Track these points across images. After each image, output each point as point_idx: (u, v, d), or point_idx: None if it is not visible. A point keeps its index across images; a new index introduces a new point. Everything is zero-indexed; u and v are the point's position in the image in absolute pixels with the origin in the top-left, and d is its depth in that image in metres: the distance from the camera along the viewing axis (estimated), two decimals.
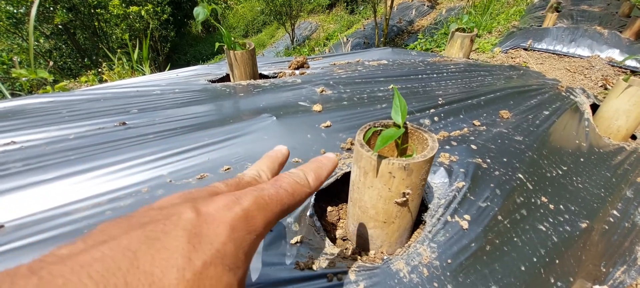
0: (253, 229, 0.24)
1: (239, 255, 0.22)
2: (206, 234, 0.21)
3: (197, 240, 0.20)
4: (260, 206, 0.25)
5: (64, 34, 7.33)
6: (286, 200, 0.27)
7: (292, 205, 0.28)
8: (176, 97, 0.93)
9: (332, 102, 0.90)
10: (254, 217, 0.24)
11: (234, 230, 0.22)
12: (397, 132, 0.52)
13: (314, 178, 0.32)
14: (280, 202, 0.27)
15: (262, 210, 0.25)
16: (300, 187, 0.30)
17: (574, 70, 2.55)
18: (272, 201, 0.26)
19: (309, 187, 0.31)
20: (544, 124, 0.99)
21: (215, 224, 0.22)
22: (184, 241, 0.20)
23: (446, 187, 0.70)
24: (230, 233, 0.22)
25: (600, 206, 0.84)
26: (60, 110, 0.86)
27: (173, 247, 0.19)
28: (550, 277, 0.67)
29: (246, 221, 0.23)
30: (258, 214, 0.24)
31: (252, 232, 0.23)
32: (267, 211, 0.25)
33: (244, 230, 0.23)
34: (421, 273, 0.57)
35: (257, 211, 0.24)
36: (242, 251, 0.22)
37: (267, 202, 0.26)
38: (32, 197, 0.56)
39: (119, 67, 1.64)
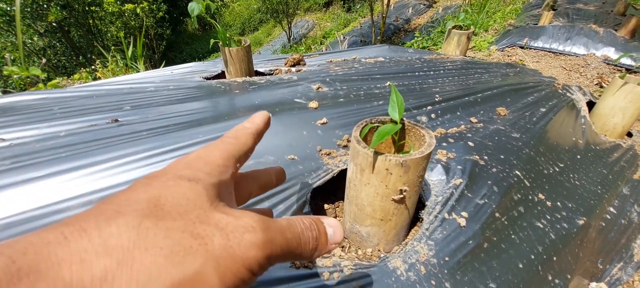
0: (210, 159, 0.27)
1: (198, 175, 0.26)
2: (171, 169, 0.27)
3: (162, 172, 0.26)
4: (213, 147, 0.30)
5: (58, 31, 7.24)
6: (232, 140, 0.31)
7: (240, 145, 0.32)
8: (170, 94, 0.92)
9: (328, 99, 0.89)
10: (209, 152, 0.29)
11: (189, 165, 0.27)
12: (393, 127, 0.52)
13: (249, 124, 0.35)
14: (227, 143, 0.31)
15: (216, 149, 0.30)
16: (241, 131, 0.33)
17: (570, 68, 2.56)
18: (221, 142, 0.31)
19: (247, 128, 0.34)
20: (541, 121, 0.99)
21: (178, 165, 0.27)
22: (157, 174, 0.25)
23: (443, 184, 0.69)
24: (186, 166, 0.27)
25: (597, 203, 0.84)
26: (51, 107, 0.84)
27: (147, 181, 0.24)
28: (548, 274, 0.66)
29: (200, 158, 0.28)
30: (213, 151, 0.29)
31: (210, 161, 0.28)
32: (219, 149, 0.30)
33: (201, 161, 0.27)
34: (418, 271, 0.56)
35: (211, 149, 0.29)
36: (202, 173, 0.26)
37: (217, 144, 0.30)
38: (22, 195, 0.55)
39: (113, 65, 1.62)
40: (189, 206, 0.22)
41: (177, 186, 0.23)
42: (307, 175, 0.66)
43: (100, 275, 0.16)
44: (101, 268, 0.17)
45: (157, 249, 0.19)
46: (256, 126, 0.35)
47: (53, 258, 0.16)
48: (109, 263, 0.17)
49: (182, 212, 0.21)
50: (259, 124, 0.35)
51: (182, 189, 0.23)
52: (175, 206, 0.21)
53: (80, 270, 0.16)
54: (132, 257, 0.18)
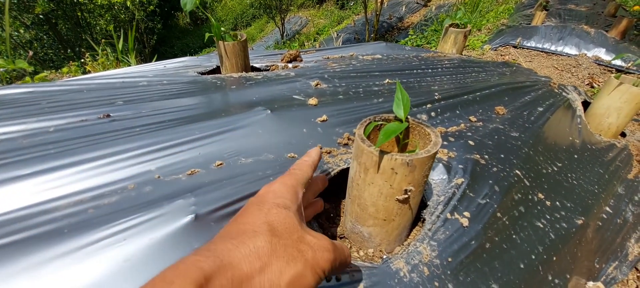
0: (291, 187, 0.42)
1: (287, 203, 0.38)
2: (266, 198, 0.39)
3: (260, 200, 0.38)
4: (289, 177, 0.44)
5: (45, 24, 7.04)
6: (298, 173, 0.46)
7: (304, 173, 0.47)
8: (164, 89, 0.89)
9: (327, 96, 0.88)
10: (289, 184, 0.42)
11: (277, 193, 0.39)
12: (400, 126, 0.50)
13: (310, 157, 0.52)
14: (295, 175, 0.45)
15: (291, 178, 0.44)
16: (303, 163, 0.49)
17: (562, 68, 2.60)
18: (292, 175, 0.45)
19: (308, 162, 0.50)
20: (539, 121, 0.99)
21: (270, 193, 0.40)
22: (253, 208, 0.37)
23: (445, 184, 0.68)
24: (276, 196, 0.39)
25: (594, 202, 0.85)
26: (39, 102, 0.80)
27: (252, 209, 0.37)
28: (548, 274, 0.66)
29: (285, 185, 0.42)
30: (290, 180, 0.43)
31: (291, 189, 0.41)
32: (292, 180, 0.44)
33: (285, 190, 0.40)
34: (422, 272, 0.55)
35: (289, 180, 0.43)
36: (289, 199, 0.39)
37: (291, 176, 0.45)
38: (8, 194, 0.52)
39: (103, 58, 1.57)
40: (291, 229, 0.34)
41: (279, 213, 0.35)
42: None
43: (259, 268, 0.29)
44: (260, 265, 0.29)
45: (281, 256, 0.31)
46: (312, 159, 0.49)
47: (234, 259, 0.28)
48: (262, 262, 0.29)
49: (288, 233, 0.33)
50: (314, 157, 0.50)
51: (282, 216, 0.35)
52: (283, 229, 0.33)
53: (250, 264, 0.28)
54: (270, 260, 0.30)
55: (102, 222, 0.48)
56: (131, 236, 0.47)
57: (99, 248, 0.45)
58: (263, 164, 0.62)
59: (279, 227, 0.33)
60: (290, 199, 0.38)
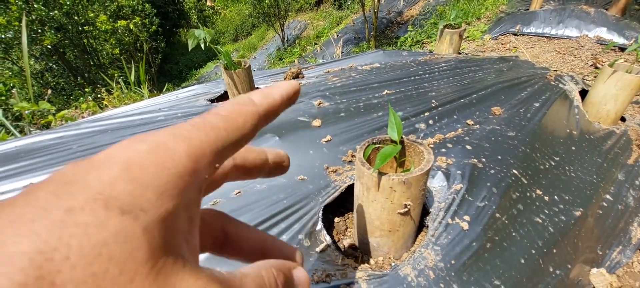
0: (170, 163, 0.16)
1: (143, 194, 0.15)
2: (84, 179, 0.14)
3: (65, 188, 0.14)
4: (179, 135, 0.18)
5: (54, 54, 7.30)
6: (222, 124, 0.20)
7: (233, 129, 0.20)
8: None
9: (330, 115, 0.94)
10: (169, 149, 0.17)
11: (129, 169, 0.15)
12: (394, 149, 0.56)
13: (260, 96, 0.23)
14: (212, 127, 0.19)
15: (183, 139, 0.18)
16: (240, 107, 0.22)
17: (564, 51, 2.59)
18: (198, 128, 0.19)
19: (254, 104, 0.22)
20: (535, 117, 1.03)
21: (101, 168, 0.15)
22: (44, 195, 0.14)
23: (445, 190, 0.74)
24: (123, 172, 0.15)
25: (593, 192, 0.89)
26: (70, 146, 0.89)
27: (27, 209, 0.13)
28: (549, 266, 0.71)
29: (155, 155, 0.16)
30: (177, 145, 0.17)
31: (170, 166, 0.16)
32: (192, 139, 0.18)
33: (152, 165, 0.16)
34: (428, 276, 0.61)
35: (173, 142, 0.17)
36: (153, 190, 0.15)
37: (190, 131, 0.18)
38: None
39: (118, 91, 1.67)
40: (105, 281, 0.13)
41: (93, 227, 0.13)
42: (317, 193, 0.70)
43: None
44: None
45: None
46: (269, 103, 0.23)
47: None
48: None
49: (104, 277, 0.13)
50: (276, 100, 0.24)
51: (101, 236, 0.13)
52: (78, 281, 0.12)
53: None
54: None
55: None
56: None
57: None
58: (276, 189, 0.69)
59: (64, 274, 0.12)
60: (160, 189, 0.16)
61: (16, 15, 5.68)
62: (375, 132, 0.90)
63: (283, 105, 0.25)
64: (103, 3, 7.30)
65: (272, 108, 0.23)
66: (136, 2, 7.66)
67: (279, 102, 0.24)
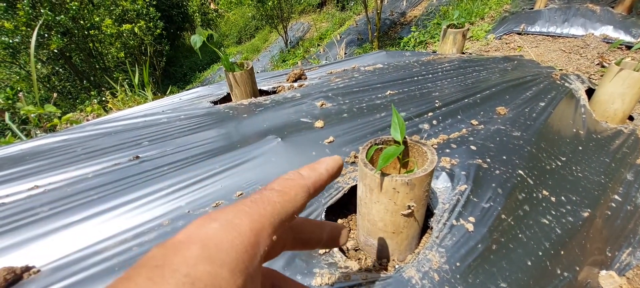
0: (238, 239, 0.20)
1: (220, 273, 0.18)
2: (171, 262, 0.17)
3: (159, 273, 0.17)
4: (242, 212, 0.22)
5: (60, 58, 7.39)
6: (276, 198, 0.24)
7: (286, 202, 0.24)
8: (183, 124, 0.97)
9: (332, 116, 0.93)
10: (236, 225, 0.20)
11: (207, 247, 0.19)
12: (397, 149, 0.55)
13: (308, 171, 0.27)
14: (268, 201, 0.23)
15: (246, 215, 0.21)
16: (291, 182, 0.25)
17: (570, 50, 2.56)
18: (257, 204, 0.23)
19: (303, 178, 0.26)
20: (541, 116, 1.02)
21: (183, 248, 0.18)
22: (142, 281, 0.16)
23: (449, 191, 0.73)
24: (202, 251, 0.18)
25: (601, 193, 0.87)
26: (75, 148, 0.89)
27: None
28: (556, 268, 0.69)
29: (225, 232, 0.20)
30: (242, 221, 0.21)
31: (238, 243, 0.20)
32: (252, 215, 0.22)
33: (224, 242, 0.19)
34: (432, 278, 0.60)
35: (238, 218, 0.21)
36: (227, 268, 0.18)
37: (251, 207, 0.22)
38: (63, 240, 0.60)
39: (122, 94, 1.68)
40: None
41: None
42: (320, 195, 0.70)
43: None
44: None
45: None
46: (316, 178, 0.27)
47: None
48: None
49: None
50: (322, 174, 0.28)
51: None
52: None
53: None
54: None
55: None
56: None
57: None
58: None
59: None
60: (234, 265, 0.19)
61: (23, 20, 5.76)
62: (378, 132, 0.89)
63: (329, 179, 0.28)
64: (108, 7, 7.39)
65: (319, 182, 0.27)
66: (141, 6, 7.73)
67: (325, 176, 0.28)
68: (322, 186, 0.27)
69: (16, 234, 0.61)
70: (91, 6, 7.06)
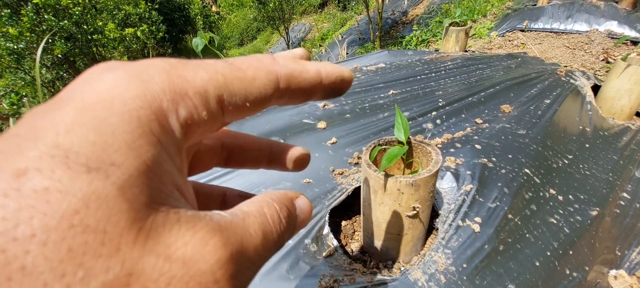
0: (143, 99, 0.13)
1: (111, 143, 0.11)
2: (34, 128, 0.11)
3: (15, 142, 0.11)
4: (159, 68, 0.14)
5: (64, 63, 7.45)
6: (222, 69, 0.16)
7: (235, 77, 0.16)
8: None
9: (335, 117, 0.93)
10: (144, 81, 0.13)
11: (88, 108, 0.12)
12: (401, 150, 0.54)
13: (289, 59, 0.18)
14: (208, 68, 0.15)
15: (162, 72, 0.14)
16: (257, 62, 0.17)
17: (574, 46, 2.54)
18: (187, 66, 0.15)
19: (275, 63, 0.17)
20: (547, 114, 1.00)
21: (55, 108, 0.12)
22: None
23: (455, 192, 0.72)
24: (80, 113, 0.12)
25: (609, 191, 0.85)
26: None
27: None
28: (565, 268, 0.68)
29: (123, 88, 0.13)
30: (153, 77, 0.14)
31: (143, 104, 0.13)
32: (172, 75, 0.14)
33: (117, 102, 0.12)
34: (439, 280, 0.59)
35: (148, 74, 0.14)
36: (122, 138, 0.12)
37: (174, 65, 0.15)
38: None
39: None
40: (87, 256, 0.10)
41: (56, 193, 0.10)
42: (323, 196, 0.69)
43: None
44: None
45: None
46: (295, 70, 0.18)
47: None
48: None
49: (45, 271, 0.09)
50: (308, 71, 0.18)
51: (68, 203, 0.10)
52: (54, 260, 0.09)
53: None
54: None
55: None
56: None
57: None
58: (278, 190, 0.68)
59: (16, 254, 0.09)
60: (132, 138, 0.12)
61: (28, 26, 5.82)
62: (382, 133, 0.88)
63: (319, 84, 0.18)
64: (111, 12, 7.43)
65: (299, 78, 0.18)
66: (143, 10, 7.78)
67: (312, 75, 0.18)
68: (303, 86, 0.18)
69: None
70: (94, 11, 7.11)
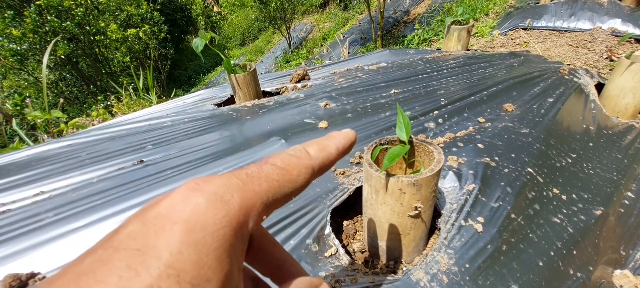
0: (226, 219, 0.17)
1: (206, 262, 0.16)
2: (154, 247, 0.15)
3: (140, 260, 0.14)
4: (234, 186, 0.18)
5: (67, 64, 7.48)
6: (275, 175, 0.20)
7: (286, 182, 0.21)
8: (187, 127, 0.96)
9: (336, 116, 0.92)
10: (227, 202, 0.17)
11: (192, 230, 0.16)
12: (402, 149, 0.54)
13: (316, 150, 0.23)
14: (266, 178, 0.20)
15: (238, 190, 0.18)
16: (296, 160, 0.22)
17: (577, 44, 2.52)
18: (253, 178, 0.19)
19: (309, 158, 0.22)
20: (550, 113, 1.00)
21: (166, 228, 0.16)
22: (122, 267, 0.14)
23: (457, 191, 0.71)
24: (186, 235, 0.16)
25: (613, 190, 0.85)
26: (79, 153, 0.90)
27: (108, 281, 0.13)
28: (569, 268, 0.68)
29: (212, 209, 0.17)
30: (232, 197, 0.18)
31: (225, 224, 0.17)
32: (245, 191, 0.18)
33: (211, 224, 0.16)
34: (441, 280, 0.59)
35: (229, 193, 0.18)
36: (214, 255, 0.16)
37: (245, 181, 0.19)
38: (68, 246, 0.60)
39: (127, 98, 1.69)
40: None
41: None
42: (324, 196, 0.69)
43: None
44: None
45: None
46: (324, 158, 0.23)
47: None
48: None
49: None
50: (331, 154, 0.24)
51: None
52: None
53: None
54: None
55: None
56: None
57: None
58: None
59: None
60: (221, 252, 0.17)
61: (30, 27, 5.85)
62: (383, 132, 0.88)
63: (338, 158, 0.25)
64: (113, 12, 7.47)
65: (327, 162, 0.23)
66: (145, 11, 7.81)
67: (334, 155, 0.24)
68: (329, 166, 0.24)
69: (22, 240, 0.61)
70: (96, 12, 7.14)
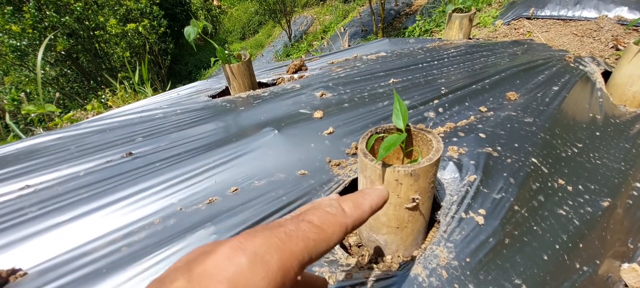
0: (266, 281, 0.19)
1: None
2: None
3: None
4: (274, 246, 0.20)
5: (67, 59, 7.46)
6: (312, 234, 0.22)
7: (321, 240, 0.22)
8: (179, 119, 0.94)
9: (332, 106, 0.89)
10: (266, 263, 0.19)
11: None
12: (399, 137, 0.51)
13: (351, 208, 0.25)
14: (303, 237, 0.21)
15: (278, 251, 0.20)
16: (332, 217, 0.23)
17: (582, 33, 2.46)
18: (291, 238, 0.21)
19: (345, 216, 0.24)
20: (555, 101, 0.96)
21: (211, 287, 0.17)
22: None
23: (457, 182, 0.68)
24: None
25: (621, 181, 0.81)
26: (69, 147, 0.87)
27: None
28: (575, 262, 0.65)
29: (253, 269, 0.18)
30: (272, 257, 0.19)
31: (265, 284, 0.18)
32: (284, 251, 0.20)
33: (250, 284, 0.18)
34: (440, 275, 0.56)
35: (269, 254, 0.19)
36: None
37: (284, 240, 0.20)
38: (51, 240, 0.58)
39: (121, 91, 1.67)
40: None
41: None
42: (319, 188, 0.66)
43: None
44: None
45: None
46: (358, 216, 0.26)
47: None
48: None
49: None
50: (365, 212, 0.26)
51: None
52: None
53: None
54: None
55: (134, 259, 0.53)
56: (161, 270, 0.51)
57: (134, 284, 0.49)
58: (275, 184, 0.65)
59: None
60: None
61: (30, 22, 5.81)
62: (381, 122, 0.85)
63: (370, 215, 0.27)
64: (113, 7, 7.42)
65: (360, 220, 0.26)
66: (144, 5, 7.75)
67: (367, 213, 0.26)
68: (360, 225, 0.26)
69: (3, 236, 0.58)
70: (95, 7, 7.10)
